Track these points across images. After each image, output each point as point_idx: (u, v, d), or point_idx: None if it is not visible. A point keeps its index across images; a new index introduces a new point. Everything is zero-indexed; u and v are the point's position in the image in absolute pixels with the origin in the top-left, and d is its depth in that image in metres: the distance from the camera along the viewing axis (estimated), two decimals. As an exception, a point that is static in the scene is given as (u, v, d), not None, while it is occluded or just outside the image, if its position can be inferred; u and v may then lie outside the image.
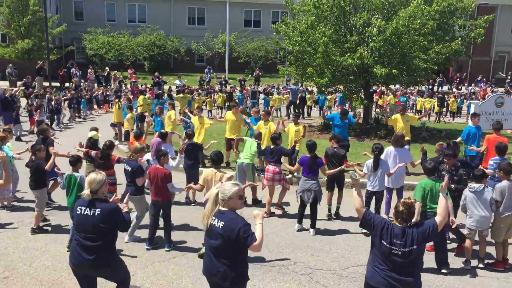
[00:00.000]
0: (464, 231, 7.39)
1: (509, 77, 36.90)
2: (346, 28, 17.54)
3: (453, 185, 7.80)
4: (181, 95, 19.35)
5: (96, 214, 4.82)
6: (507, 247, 7.29)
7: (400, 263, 4.30)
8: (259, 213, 4.38)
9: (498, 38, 44.19)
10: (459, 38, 18.41)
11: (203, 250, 7.30)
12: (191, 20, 43.03)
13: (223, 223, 4.22)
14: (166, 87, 26.76)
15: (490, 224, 7.22)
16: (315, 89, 22.94)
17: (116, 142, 14.87)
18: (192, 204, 9.89)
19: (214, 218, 4.29)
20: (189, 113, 13.75)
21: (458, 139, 11.39)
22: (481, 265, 7.16)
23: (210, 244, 4.34)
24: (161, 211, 7.68)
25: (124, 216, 5.02)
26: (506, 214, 7.03)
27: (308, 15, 17.34)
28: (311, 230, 8.51)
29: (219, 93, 24.81)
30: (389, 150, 9.15)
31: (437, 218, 4.51)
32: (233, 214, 4.29)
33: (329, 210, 9.38)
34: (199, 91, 24.87)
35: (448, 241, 7.81)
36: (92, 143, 9.24)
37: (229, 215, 4.26)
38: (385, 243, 4.34)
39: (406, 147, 10.23)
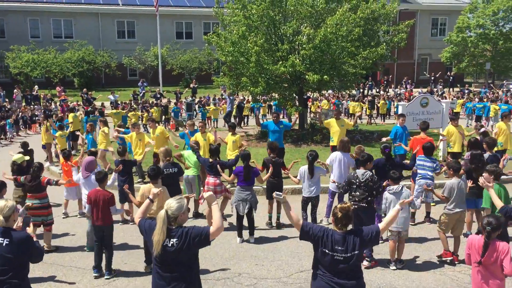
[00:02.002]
0: (384, 234, 7.57)
1: (432, 78, 39.01)
2: (277, 37, 17.85)
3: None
4: (114, 110, 18.84)
5: (4, 245, 4.52)
6: (458, 244, 7.54)
7: (343, 268, 4.34)
8: (211, 194, 4.38)
9: (419, 42, 46.74)
10: (384, 43, 19.30)
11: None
12: (121, 34, 42.12)
13: (175, 239, 4.15)
14: (98, 103, 25.94)
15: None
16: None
17: (47, 164, 14.22)
18: (131, 223, 9.59)
19: (165, 239, 4.18)
20: (120, 132, 13.35)
21: (386, 138, 11.82)
22: (398, 266, 7.31)
23: (163, 265, 4.22)
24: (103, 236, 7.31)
25: (37, 245, 4.71)
26: (456, 211, 7.33)
27: (239, 25, 17.49)
28: (251, 238, 8.53)
29: (155, 107, 24.38)
30: (335, 154, 9.35)
31: (381, 225, 4.59)
32: (181, 227, 4.24)
33: (270, 218, 9.43)
34: (134, 106, 24.32)
35: (380, 241, 8.10)
36: (18, 167, 8.75)
37: (179, 231, 4.20)
38: (327, 251, 4.36)
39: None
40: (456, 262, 7.42)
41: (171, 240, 4.16)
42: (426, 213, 9.51)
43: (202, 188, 9.81)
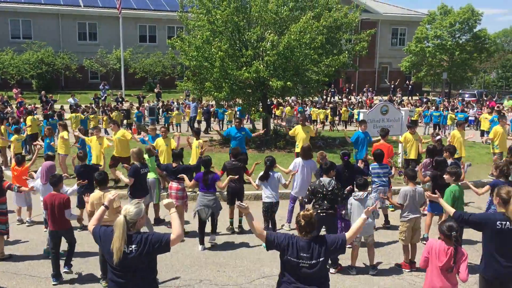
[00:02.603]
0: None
1: (392, 86, 40.01)
2: (241, 43, 17.89)
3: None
4: (73, 114, 18.39)
5: None
6: (415, 251, 7.69)
7: (308, 274, 4.34)
8: (170, 201, 4.35)
9: (380, 51, 47.92)
10: (346, 52, 19.65)
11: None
12: (82, 36, 41.23)
13: (134, 246, 4.09)
14: (57, 106, 25.25)
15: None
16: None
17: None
18: (78, 230, 9.33)
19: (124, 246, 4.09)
20: (81, 135, 13.02)
21: (347, 137, 12.18)
22: (371, 273, 7.41)
23: (121, 272, 4.13)
24: (65, 239, 7.20)
25: None
26: (410, 217, 7.47)
27: (203, 30, 17.45)
28: (213, 236, 8.57)
29: (116, 111, 23.93)
30: (297, 161, 9.41)
31: (347, 234, 4.59)
32: (140, 233, 4.18)
33: (231, 223, 9.40)
34: (95, 109, 23.81)
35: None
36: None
37: (138, 236, 4.14)
38: (292, 259, 4.35)
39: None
40: (413, 269, 7.58)
41: (130, 246, 4.09)
42: (384, 216, 9.69)
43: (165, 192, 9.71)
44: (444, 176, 7.18)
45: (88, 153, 12.05)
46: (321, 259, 4.34)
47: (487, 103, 29.65)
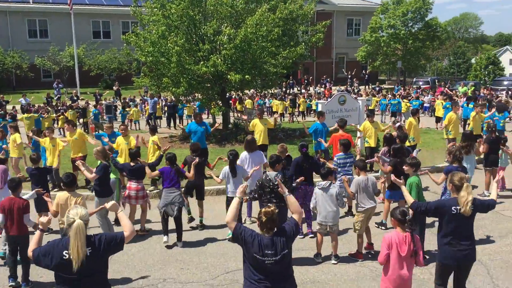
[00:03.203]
0: (316, 227, 7.80)
1: (349, 76, 40.66)
2: (198, 37, 17.72)
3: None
4: (26, 115, 17.75)
5: None
6: (369, 234, 7.87)
7: (275, 270, 4.36)
8: (113, 203, 4.42)
9: (336, 42, 48.59)
10: (303, 43, 19.83)
11: None
12: (32, 33, 39.84)
13: (89, 248, 4.01)
14: (9, 107, 24.31)
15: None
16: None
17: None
18: (45, 233, 9.04)
19: None
20: (35, 136, 12.56)
21: (305, 129, 12.47)
22: (333, 261, 7.51)
23: (77, 275, 4.00)
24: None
25: None
26: (366, 207, 7.59)
27: (158, 25, 17.16)
28: (179, 243, 8.39)
29: (70, 110, 23.22)
30: (244, 155, 9.40)
31: (295, 216, 4.68)
32: (91, 235, 4.12)
33: (189, 212, 9.35)
34: (48, 108, 23.02)
35: (300, 236, 8.36)
36: None
37: (91, 238, 4.07)
38: (257, 256, 4.35)
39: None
40: (372, 252, 7.75)
41: (87, 248, 4.01)
42: (348, 207, 9.84)
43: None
44: (404, 167, 7.33)
45: (43, 154, 11.66)
46: (285, 252, 4.39)
47: (437, 90, 30.60)
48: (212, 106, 18.79)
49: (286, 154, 9.28)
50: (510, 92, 31.33)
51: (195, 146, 9.47)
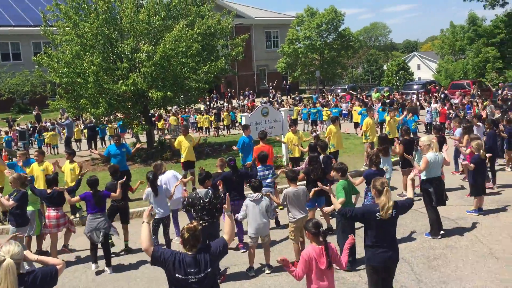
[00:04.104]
0: (247, 240, 7.82)
1: (271, 88, 41.46)
2: (115, 55, 17.28)
3: None
4: None
5: None
6: (304, 246, 7.88)
7: None
8: (28, 252, 4.25)
9: (256, 54, 49.50)
10: (223, 57, 19.95)
11: None
12: None
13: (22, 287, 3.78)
14: None
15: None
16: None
17: None
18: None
19: None
20: None
21: (235, 148, 12.31)
22: (267, 271, 7.55)
23: None
24: None
25: None
26: (298, 218, 7.62)
27: (72, 45, 16.56)
28: (108, 269, 8.05)
29: (-19, 138, 21.74)
30: (166, 176, 9.23)
31: (225, 237, 4.62)
32: (23, 274, 3.87)
33: (110, 237, 9.02)
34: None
35: (243, 250, 8.37)
36: None
37: (24, 277, 3.83)
38: (180, 276, 4.24)
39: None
40: None
41: None
42: (275, 218, 9.94)
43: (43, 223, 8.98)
44: (331, 173, 7.56)
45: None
46: (208, 270, 4.31)
47: (347, 97, 32.04)
48: (135, 125, 18.35)
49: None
50: (419, 95, 33.44)
51: (113, 169, 9.17)
